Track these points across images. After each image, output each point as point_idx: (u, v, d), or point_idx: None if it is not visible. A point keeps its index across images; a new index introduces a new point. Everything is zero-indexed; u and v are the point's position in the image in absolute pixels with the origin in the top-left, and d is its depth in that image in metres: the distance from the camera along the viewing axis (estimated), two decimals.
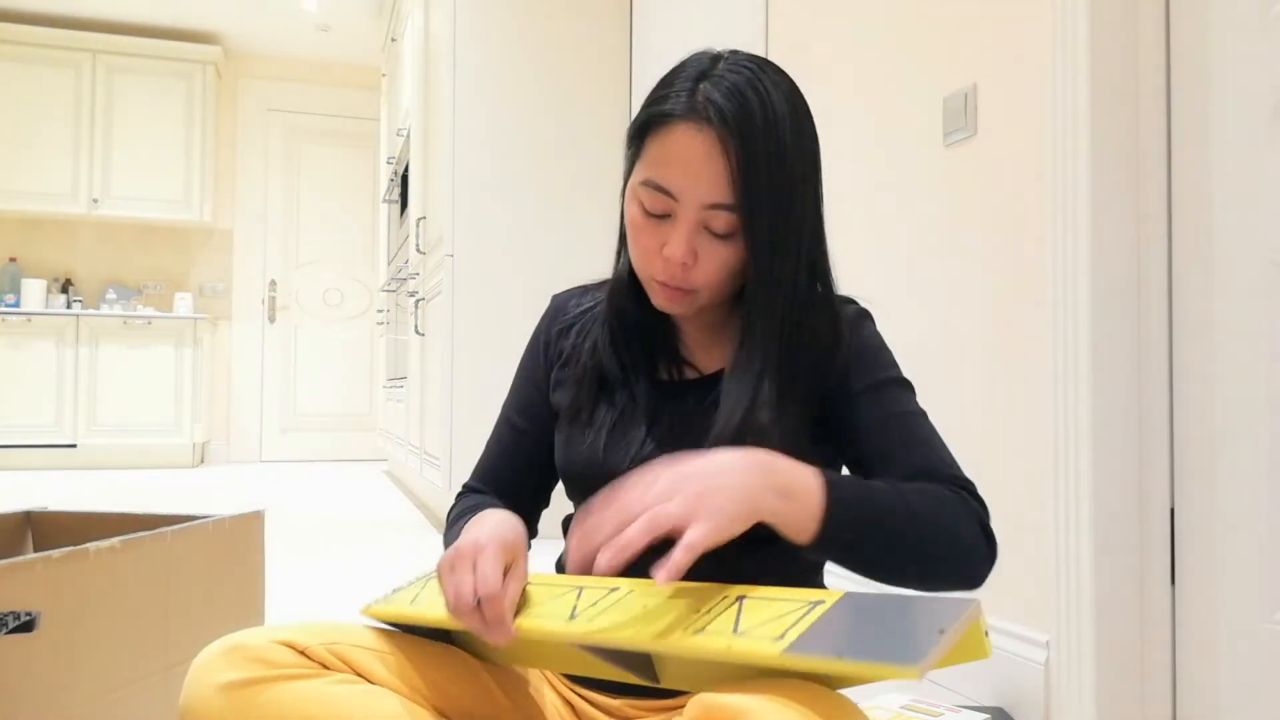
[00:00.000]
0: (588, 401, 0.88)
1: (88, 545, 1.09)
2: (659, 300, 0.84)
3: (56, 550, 1.05)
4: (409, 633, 0.82)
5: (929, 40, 1.74)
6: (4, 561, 0.98)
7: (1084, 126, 1.36)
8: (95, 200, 5.84)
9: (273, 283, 6.45)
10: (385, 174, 5.55)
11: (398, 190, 4.99)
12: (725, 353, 0.87)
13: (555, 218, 3.34)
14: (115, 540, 1.12)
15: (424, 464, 3.75)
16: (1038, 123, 1.47)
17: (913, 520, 0.72)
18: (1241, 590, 1.23)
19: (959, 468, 0.81)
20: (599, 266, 1.00)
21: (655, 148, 0.80)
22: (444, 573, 0.74)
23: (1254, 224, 1.22)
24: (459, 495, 1.01)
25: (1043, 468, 1.43)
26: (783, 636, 0.57)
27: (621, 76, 3.43)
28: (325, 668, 0.72)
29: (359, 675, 0.74)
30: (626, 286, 0.89)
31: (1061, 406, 1.38)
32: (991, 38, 1.58)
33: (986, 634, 0.55)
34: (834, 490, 0.69)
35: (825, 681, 0.58)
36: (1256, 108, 1.22)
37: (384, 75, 5.80)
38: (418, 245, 3.89)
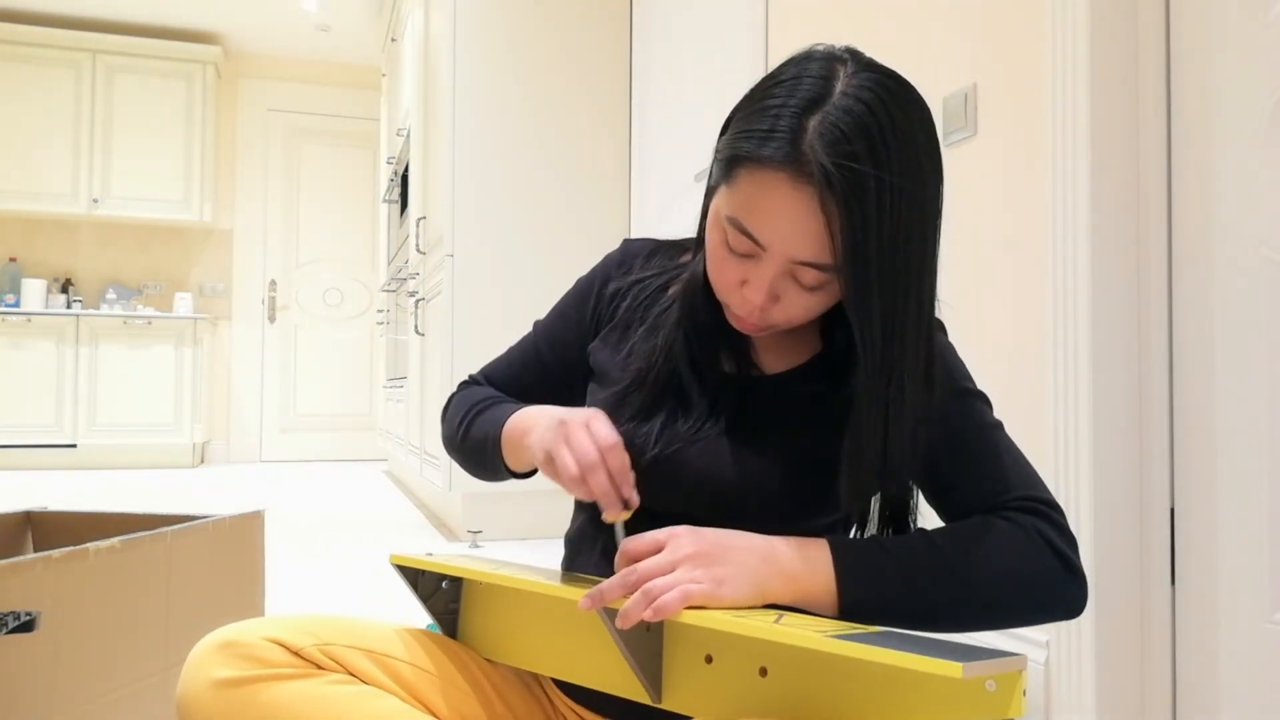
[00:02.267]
0: (646, 399, 0.82)
1: (88, 545, 1.09)
2: (733, 321, 0.79)
3: (56, 550, 1.05)
4: (426, 605, 0.83)
5: (929, 40, 1.74)
6: (4, 561, 0.98)
7: (1084, 126, 1.36)
8: (95, 200, 5.84)
9: (273, 283, 6.45)
10: (385, 174, 5.55)
11: (398, 190, 4.99)
12: (793, 355, 0.84)
13: (556, 217, 3.34)
14: (115, 540, 1.12)
15: (424, 464, 3.75)
16: (1038, 123, 1.47)
17: (951, 574, 0.70)
18: (1241, 590, 1.23)
19: (1039, 485, 0.76)
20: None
21: (746, 188, 0.70)
22: (556, 444, 0.74)
23: (1253, 224, 1.22)
24: (465, 386, 0.99)
25: (1043, 468, 1.43)
26: (824, 634, 0.58)
27: (621, 76, 3.43)
28: (319, 668, 0.72)
29: (351, 675, 0.73)
30: (701, 289, 0.83)
31: (1061, 406, 1.38)
32: (991, 38, 1.58)
33: (1024, 693, 0.54)
34: (845, 564, 0.69)
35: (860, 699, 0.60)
36: (1256, 108, 1.22)
37: (384, 75, 5.80)
38: (418, 245, 3.89)
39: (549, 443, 0.75)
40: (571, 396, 0.94)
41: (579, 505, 0.90)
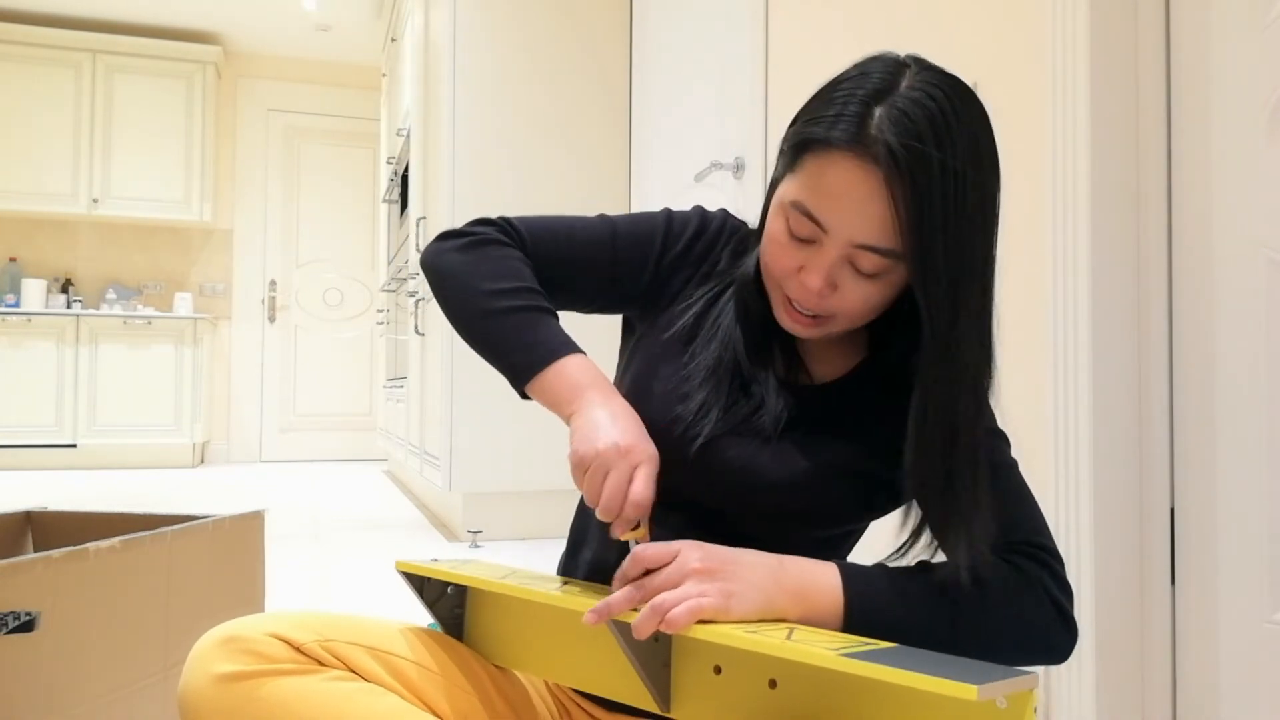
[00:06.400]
0: (710, 394, 0.80)
1: (88, 545, 1.09)
2: (783, 320, 0.79)
3: (56, 550, 1.05)
4: (432, 610, 0.84)
5: (928, 40, 1.74)
6: (4, 561, 0.98)
7: (1084, 126, 1.36)
8: (95, 200, 5.84)
9: (273, 283, 6.45)
10: (385, 174, 5.55)
11: (398, 190, 4.99)
12: (841, 362, 0.85)
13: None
14: (115, 540, 1.12)
15: (424, 464, 3.75)
16: (1038, 122, 1.47)
17: (952, 611, 0.71)
18: (1241, 590, 1.23)
19: (1044, 532, 0.78)
20: None
21: (812, 171, 0.72)
22: (598, 459, 0.72)
23: (1253, 224, 1.23)
24: (499, 238, 0.88)
25: (1043, 468, 1.43)
26: (838, 651, 0.58)
27: (622, 75, 3.43)
28: (320, 664, 0.72)
29: (353, 672, 0.73)
30: (754, 284, 0.83)
31: (1061, 406, 1.38)
32: (991, 37, 1.58)
33: (1035, 710, 0.55)
34: (852, 589, 0.70)
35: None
36: (1256, 108, 1.22)
37: (384, 75, 5.80)
38: (418, 245, 3.89)
39: (597, 457, 0.72)
40: (609, 302, 0.90)
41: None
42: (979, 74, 1.61)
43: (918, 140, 0.68)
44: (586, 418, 0.75)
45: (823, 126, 0.71)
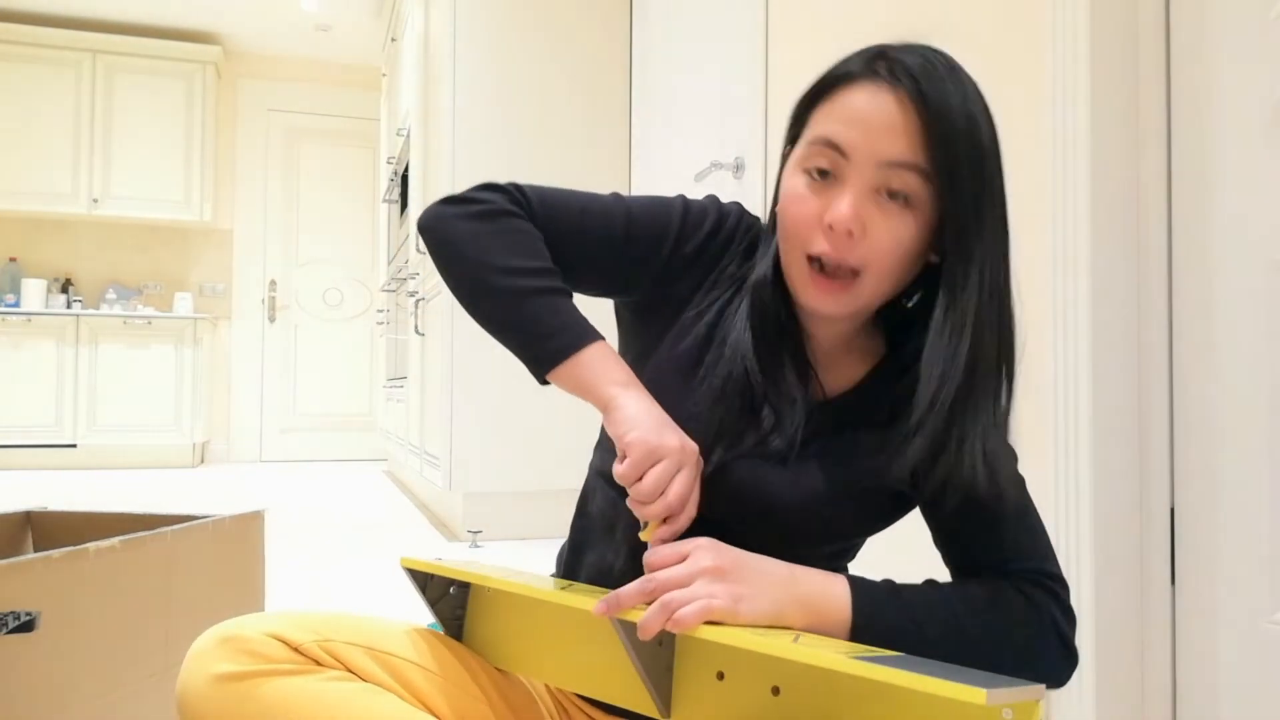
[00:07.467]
0: (727, 414, 0.79)
1: (88, 545, 1.09)
2: (810, 295, 0.75)
3: (56, 550, 1.05)
4: (433, 609, 0.83)
5: (928, 40, 1.74)
6: (4, 561, 0.98)
7: (1084, 126, 1.36)
8: (95, 200, 5.84)
9: (273, 283, 6.45)
10: (385, 174, 5.55)
11: (398, 190, 4.99)
12: (852, 371, 0.83)
13: None
14: (115, 540, 1.12)
15: (424, 464, 3.75)
16: (1037, 123, 1.47)
17: (960, 634, 0.71)
18: (1241, 590, 1.23)
19: (1052, 559, 0.78)
20: None
21: (827, 108, 0.74)
22: (674, 455, 0.71)
23: (1254, 224, 1.23)
24: (510, 210, 0.83)
25: (1043, 468, 1.43)
26: (844, 656, 0.58)
27: (621, 76, 3.43)
28: (318, 664, 0.72)
29: (351, 673, 0.73)
30: (771, 282, 0.80)
31: (1061, 407, 1.38)
32: (991, 38, 1.58)
33: None
34: (861, 604, 0.70)
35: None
36: (1256, 108, 1.22)
37: (384, 75, 5.80)
38: (418, 245, 3.89)
39: (655, 448, 0.71)
40: (615, 284, 0.87)
41: (604, 478, 0.86)
42: (979, 74, 1.61)
43: (928, 62, 0.73)
44: (639, 408, 0.74)
45: (832, 73, 0.75)
